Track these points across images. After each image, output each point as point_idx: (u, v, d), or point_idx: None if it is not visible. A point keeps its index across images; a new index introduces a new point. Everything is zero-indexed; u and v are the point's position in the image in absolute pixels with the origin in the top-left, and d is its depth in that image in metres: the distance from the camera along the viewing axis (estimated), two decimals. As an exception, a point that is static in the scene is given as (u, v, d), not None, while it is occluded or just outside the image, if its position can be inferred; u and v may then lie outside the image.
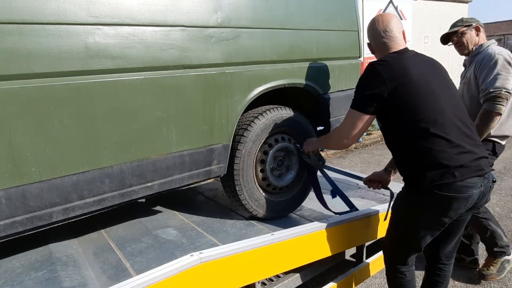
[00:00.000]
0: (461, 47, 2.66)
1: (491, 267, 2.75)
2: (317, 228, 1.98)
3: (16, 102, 1.33)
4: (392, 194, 2.16)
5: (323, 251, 2.05)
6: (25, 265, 1.67)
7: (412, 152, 1.69)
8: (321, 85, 2.38)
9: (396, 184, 2.35)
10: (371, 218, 2.25)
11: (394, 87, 1.66)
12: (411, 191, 1.76)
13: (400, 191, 1.88)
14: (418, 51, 1.95)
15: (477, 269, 2.84)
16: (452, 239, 1.95)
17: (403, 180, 1.83)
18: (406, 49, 1.85)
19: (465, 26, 2.61)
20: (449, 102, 1.72)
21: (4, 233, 1.41)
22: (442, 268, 2.03)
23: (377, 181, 2.24)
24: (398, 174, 2.00)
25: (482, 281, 2.71)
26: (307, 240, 1.94)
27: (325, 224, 2.01)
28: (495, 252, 2.74)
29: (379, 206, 2.34)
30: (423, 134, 1.64)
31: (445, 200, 1.65)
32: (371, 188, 2.29)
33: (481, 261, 2.88)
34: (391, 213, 1.95)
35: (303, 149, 2.20)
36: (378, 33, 1.86)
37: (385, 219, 2.20)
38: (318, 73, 2.36)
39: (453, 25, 2.70)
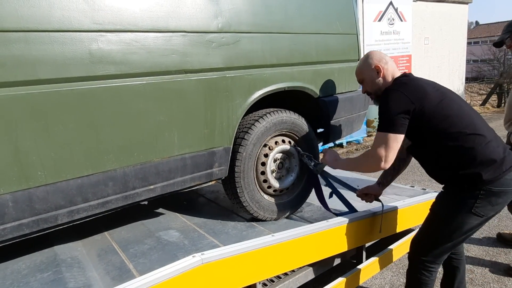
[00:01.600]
0: None
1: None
2: (318, 229, 2.01)
3: (23, 107, 1.37)
4: (383, 206, 2.26)
5: (324, 252, 2.08)
6: (30, 267, 1.70)
7: (458, 156, 1.78)
8: (321, 88, 2.42)
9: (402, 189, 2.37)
10: (371, 219, 2.28)
11: (421, 105, 1.78)
12: (459, 190, 1.83)
13: (442, 193, 1.96)
14: (419, 53, 2.04)
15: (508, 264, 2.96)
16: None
17: (446, 185, 1.92)
18: (406, 73, 2.01)
19: None
20: (466, 104, 1.90)
21: (11, 235, 1.44)
22: (458, 247, 2.14)
23: (371, 194, 2.30)
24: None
25: (484, 277, 2.73)
26: (308, 241, 1.97)
27: (325, 226, 2.04)
28: None
29: (379, 208, 2.36)
30: (462, 137, 1.77)
31: (496, 195, 1.77)
32: (364, 201, 2.32)
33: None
34: (434, 214, 1.97)
35: (321, 161, 2.23)
36: (381, 59, 1.99)
37: (380, 231, 2.23)
38: (318, 76, 2.39)
39: (507, 28, 2.82)
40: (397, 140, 1.81)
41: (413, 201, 2.54)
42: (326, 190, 2.37)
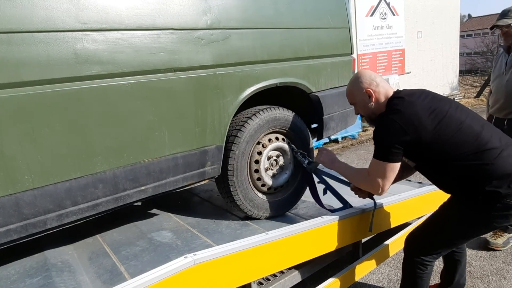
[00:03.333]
0: (508, 38, 2.89)
1: (498, 238, 3.00)
2: (312, 226, 1.99)
3: (7, 110, 1.34)
4: (375, 204, 2.21)
5: (319, 249, 2.06)
6: (20, 272, 1.68)
7: (469, 177, 1.72)
8: (313, 83, 2.40)
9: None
10: (366, 214, 2.26)
11: (416, 135, 1.71)
12: (476, 202, 1.76)
13: (457, 196, 1.88)
14: (412, 47, 1.99)
15: (485, 237, 3.06)
16: None
17: (460, 198, 1.85)
18: (399, 93, 1.89)
19: None
20: (466, 115, 1.80)
21: (-1, 241, 1.41)
22: (459, 246, 2.12)
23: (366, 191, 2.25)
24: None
25: (482, 270, 2.73)
26: (302, 239, 1.95)
27: (320, 222, 2.02)
28: (506, 227, 2.91)
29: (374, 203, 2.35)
30: (469, 157, 1.70)
31: (510, 207, 1.70)
32: (357, 196, 2.28)
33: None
34: (442, 213, 1.93)
35: (319, 160, 2.18)
36: (372, 82, 1.90)
37: (370, 230, 2.22)
38: (310, 71, 2.37)
39: (504, 15, 2.86)
40: (393, 170, 1.79)
41: (408, 195, 2.53)
42: (321, 187, 2.35)
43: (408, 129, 1.71)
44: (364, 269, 2.40)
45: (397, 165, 1.79)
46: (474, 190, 1.73)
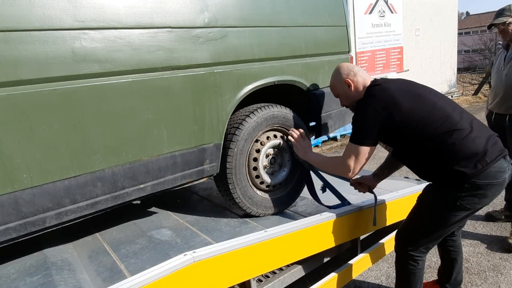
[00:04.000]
0: (505, 35, 2.95)
1: (501, 213, 3.18)
2: (311, 223, 2.00)
3: (5, 109, 1.34)
4: (376, 198, 2.25)
5: (318, 245, 2.07)
6: (20, 271, 1.68)
7: (438, 155, 1.77)
8: (311, 81, 2.40)
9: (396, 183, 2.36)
10: (364, 211, 2.27)
11: (389, 114, 1.78)
12: (446, 185, 1.81)
13: (430, 185, 1.94)
14: (410, 44, 2.03)
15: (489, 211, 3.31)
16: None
17: (432, 182, 1.91)
18: (377, 81, 1.99)
19: None
20: (440, 99, 1.86)
21: (-2, 240, 1.41)
22: (455, 240, 2.18)
23: (365, 185, 2.28)
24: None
25: (480, 266, 2.74)
26: (301, 236, 1.96)
27: (319, 219, 2.03)
28: None
29: (372, 200, 2.36)
30: (439, 136, 1.75)
31: (483, 188, 1.74)
32: (357, 190, 2.31)
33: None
34: (420, 205, 1.97)
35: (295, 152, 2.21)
36: (350, 72, 2.01)
37: (374, 224, 2.23)
38: (308, 69, 2.37)
39: (500, 14, 2.92)
40: (365, 153, 1.86)
41: (407, 192, 2.54)
42: (319, 184, 2.36)
43: (381, 109, 1.79)
44: (362, 266, 2.41)
45: (370, 149, 1.87)
46: (443, 171, 1.78)
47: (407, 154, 1.92)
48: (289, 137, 2.22)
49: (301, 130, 2.22)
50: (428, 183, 1.96)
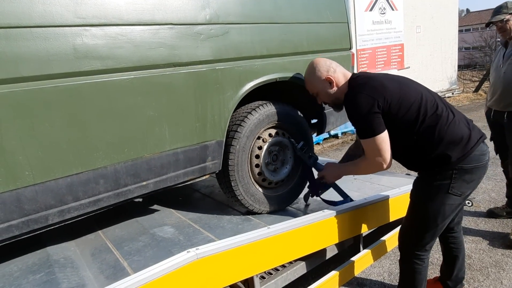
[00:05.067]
0: (504, 33, 2.95)
1: (503, 210, 3.22)
2: (314, 220, 1.99)
3: (6, 106, 1.33)
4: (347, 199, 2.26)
5: (321, 242, 2.07)
6: (22, 269, 1.68)
7: (426, 141, 1.78)
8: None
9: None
10: (366, 208, 2.27)
11: (384, 100, 1.76)
12: (434, 174, 1.83)
13: (417, 178, 1.96)
14: (411, 41, 2.02)
15: (490, 208, 3.37)
16: (460, 209, 2.10)
17: (420, 170, 1.93)
18: (359, 73, 1.99)
19: (510, 13, 2.88)
20: (421, 86, 1.90)
21: (0, 237, 1.41)
22: (455, 236, 2.18)
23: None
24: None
25: (482, 262, 2.74)
26: (304, 232, 1.95)
27: (321, 216, 2.02)
28: None
29: (375, 196, 2.36)
30: (427, 121, 1.76)
31: (469, 171, 1.78)
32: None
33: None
34: (413, 201, 1.97)
35: (324, 176, 2.18)
36: (329, 68, 1.96)
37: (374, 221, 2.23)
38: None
39: (497, 12, 2.93)
40: (384, 140, 1.79)
41: (409, 188, 2.52)
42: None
43: (375, 95, 1.76)
44: (364, 263, 2.42)
45: (385, 134, 1.79)
46: (431, 156, 1.79)
47: (395, 142, 1.88)
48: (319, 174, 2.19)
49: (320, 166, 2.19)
50: (415, 177, 1.98)
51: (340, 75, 1.96)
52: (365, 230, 2.38)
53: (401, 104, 1.77)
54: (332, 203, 2.26)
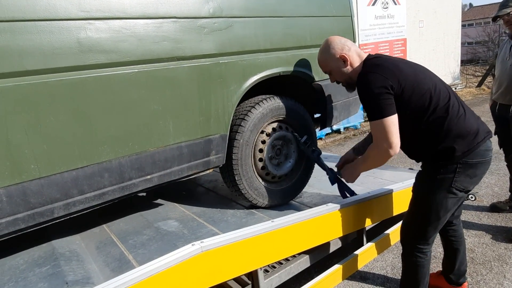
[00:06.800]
0: (510, 26, 2.94)
1: (506, 204, 3.25)
2: (317, 214, 2.00)
3: (11, 100, 1.34)
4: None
5: (324, 236, 2.07)
6: (28, 262, 1.69)
7: (435, 131, 1.76)
8: (316, 72, 2.38)
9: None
10: (370, 202, 2.28)
11: (398, 83, 1.71)
12: (437, 167, 1.81)
13: (421, 172, 1.94)
14: (414, 36, 1.98)
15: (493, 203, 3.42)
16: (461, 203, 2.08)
17: (424, 161, 1.92)
18: (374, 54, 1.94)
19: None
20: (435, 76, 1.86)
21: (7, 230, 1.42)
22: (455, 229, 2.18)
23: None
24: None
25: (485, 256, 2.74)
26: (307, 226, 1.96)
27: (324, 210, 2.03)
28: None
29: (379, 190, 2.36)
30: (438, 111, 1.74)
31: (474, 166, 1.77)
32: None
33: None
34: (415, 195, 1.96)
35: (343, 177, 2.14)
36: (344, 46, 1.91)
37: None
38: (313, 60, 2.35)
39: (504, 5, 2.91)
40: (393, 123, 1.72)
41: (411, 183, 2.53)
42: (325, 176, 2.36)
43: (388, 77, 1.70)
44: (368, 257, 2.42)
45: (395, 117, 1.72)
46: (436, 151, 1.77)
47: (402, 129, 1.82)
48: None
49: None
50: (418, 171, 1.97)
51: (354, 54, 1.90)
52: (368, 224, 2.38)
53: (414, 90, 1.73)
54: (346, 194, 2.27)
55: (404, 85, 1.72)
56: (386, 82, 1.69)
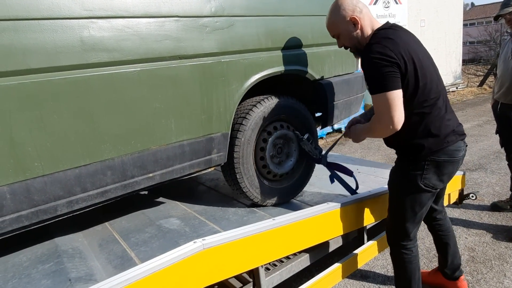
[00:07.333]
0: None
1: (507, 203, 3.41)
2: (318, 212, 2.01)
3: (15, 98, 1.35)
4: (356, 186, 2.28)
5: (325, 234, 2.08)
6: (32, 259, 1.70)
7: (411, 125, 1.74)
8: (317, 71, 2.39)
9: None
10: (371, 200, 2.28)
11: (404, 65, 1.62)
12: (407, 163, 1.83)
13: (393, 168, 1.96)
14: (415, 35, 1.94)
15: (494, 202, 3.51)
16: (439, 198, 2.15)
17: (397, 153, 1.93)
18: (389, 24, 1.79)
19: None
20: (436, 74, 1.79)
21: (10, 227, 1.43)
22: (441, 224, 2.22)
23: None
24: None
25: (485, 255, 2.75)
26: (309, 224, 1.97)
27: (325, 208, 2.04)
28: None
29: (379, 189, 2.36)
30: (423, 104, 1.72)
31: (441, 165, 1.78)
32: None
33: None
34: (390, 192, 2.00)
35: (351, 138, 2.05)
36: (355, 8, 1.77)
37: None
38: (314, 59, 2.36)
39: (506, 4, 2.93)
40: (398, 96, 1.61)
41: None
42: (326, 175, 2.37)
43: (397, 54, 1.61)
44: (368, 255, 2.43)
45: (400, 92, 1.62)
46: (409, 144, 1.78)
47: None
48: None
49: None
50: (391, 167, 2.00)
51: (366, 17, 1.77)
52: (369, 222, 2.39)
53: (414, 77, 1.65)
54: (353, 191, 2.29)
55: (408, 69, 1.63)
56: (393, 60, 1.60)
